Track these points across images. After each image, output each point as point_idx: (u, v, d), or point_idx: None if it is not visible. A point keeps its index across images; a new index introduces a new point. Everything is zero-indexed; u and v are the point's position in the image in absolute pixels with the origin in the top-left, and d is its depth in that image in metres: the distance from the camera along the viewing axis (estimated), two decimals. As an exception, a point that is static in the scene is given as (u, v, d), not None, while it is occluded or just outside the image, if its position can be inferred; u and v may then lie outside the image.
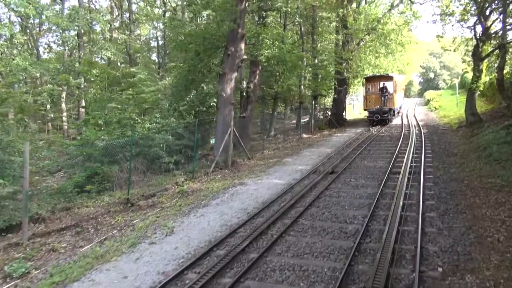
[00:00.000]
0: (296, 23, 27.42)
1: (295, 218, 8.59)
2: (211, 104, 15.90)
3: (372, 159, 15.43)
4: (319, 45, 32.44)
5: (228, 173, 14.81)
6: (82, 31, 30.59)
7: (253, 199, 10.66)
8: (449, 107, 38.18)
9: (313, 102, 28.22)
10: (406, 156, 14.94)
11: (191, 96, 16.08)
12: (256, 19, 20.30)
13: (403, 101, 38.78)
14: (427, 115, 35.67)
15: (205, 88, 15.63)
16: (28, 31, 32.08)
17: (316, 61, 32.13)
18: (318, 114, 35.66)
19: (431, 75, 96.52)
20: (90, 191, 11.54)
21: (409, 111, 39.52)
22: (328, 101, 36.20)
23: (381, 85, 26.96)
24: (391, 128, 25.85)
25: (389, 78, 28.03)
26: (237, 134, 16.89)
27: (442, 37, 25.49)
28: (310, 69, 30.06)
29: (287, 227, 8.03)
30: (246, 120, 21.40)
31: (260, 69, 21.19)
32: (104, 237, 8.67)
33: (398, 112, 33.33)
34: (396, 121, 30.98)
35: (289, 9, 21.99)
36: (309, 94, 29.58)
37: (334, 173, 13.17)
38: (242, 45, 16.59)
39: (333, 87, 31.01)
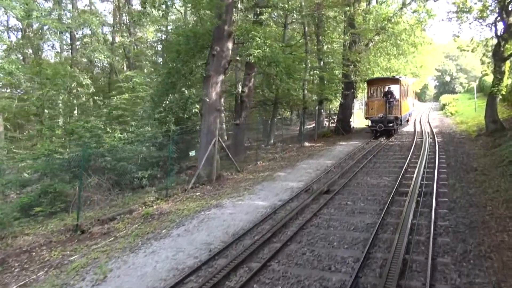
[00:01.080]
0: (299, 22, 25.41)
1: (266, 259, 6.63)
2: (194, 110, 14.07)
3: (376, 174, 13.32)
4: (325, 46, 30.37)
5: (209, 190, 12.90)
6: (75, 33, 29.22)
7: (224, 228, 8.71)
8: (467, 112, 35.60)
9: (317, 107, 26.14)
10: (416, 171, 12.82)
11: (167, 102, 14.24)
12: (251, 16, 18.42)
13: (413, 107, 33.60)
14: (442, 121, 33.18)
15: (186, 92, 13.80)
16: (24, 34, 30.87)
17: (322, 63, 30.18)
18: (325, 120, 33.56)
19: (447, 78, 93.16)
20: (37, 215, 9.75)
21: (423, 117, 37.04)
22: (336, 106, 34.04)
23: (386, 89, 22.68)
24: (402, 136, 23.58)
25: (395, 81, 23.26)
26: (223, 144, 15.01)
27: (458, 36, 23.25)
28: (315, 72, 28.08)
29: (251, 276, 6.07)
30: (240, 127, 19.54)
31: (255, 72, 19.31)
32: (24, 281, 6.84)
33: (407, 121, 29.59)
34: (408, 128, 28.62)
35: (287, 6, 19.99)
36: (314, 98, 27.54)
37: (329, 193, 11.16)
38: (229, 44, 14.72)
39: (340, 91, 28.91)
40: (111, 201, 11.44)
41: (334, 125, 28.52)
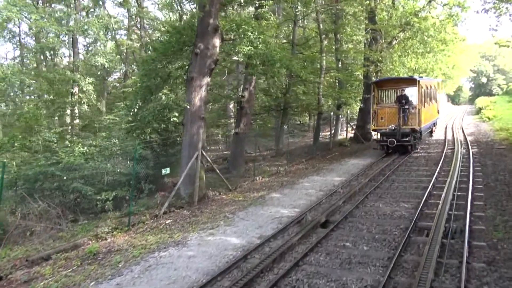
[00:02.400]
0: (312, 19, 22.87)
1: None
2: (173, 119, 11.89)
3: (392, 198, 10.64)
4: (345, 46, 27.55)
5: (184, 217, 10.62)
6: (78, 37, 27.83)
7: (169, 284, 6.39)
8: (507, 117, 31.82)
9: (332, 113, 23.46)
10: (444, 194, 10.08)
11: (138, 110, 12.06)
12: (247, 11, 16.17)
13: (438, 115, 25.90)
14: (478, 127, 29.59)
15: (163, 98, 11.65)
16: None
17: (340, 64, 27.45)
18: (346, 126, 30.72)
19: (483, 79, 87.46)
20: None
21: (456, 122, 33.45)
22: (356, 110, 31.14)
23: (399, 93, 17.79)
24: (430, 146, 20.53)
25: (411, 81, 17.73)
26: (209, 159, 12.73)
27: (496, 30, 20.14)
28: (332, 73, 25.42)
29: None
30: (240, 137, 17.22)
31: (257, 74, 16.94)
32: None
33: (431, 132, 24.00)
34: (437, 135, 25.38)
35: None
36: (330, 103, 24.88)
37: (326, 226, 8.66)
38: (216, 41, 12.45)
39: (360, 94, 26.09)
40: (58, 231, 9.37)
41: (353, 132, 25.71)
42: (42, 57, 32.52)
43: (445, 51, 26.85)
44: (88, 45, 31.62)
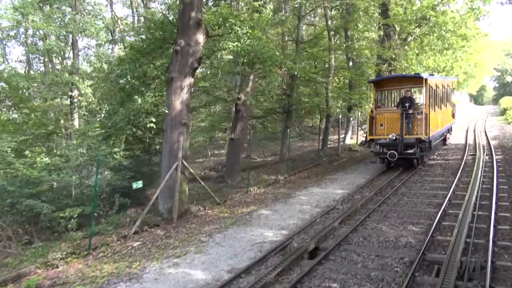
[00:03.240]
0: (317, 16, 21.29)
1: None
2: (149, 125, 10.55)
3: (398, 218, 9.00)
4: (356, 44, 25.69)
5: (157, 238, 9.24)
6: (77, 38, 26.96)
7: None
8: (534, 118, 29.41)
9: (340, 116, 21.78)
10: (461, 214, 8.43)
11: (104, 113, 10.76)
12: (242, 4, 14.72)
13: (454, 119, 21.57)
14: (503, 130, 27.32)
15: (139, 101, 10.33)
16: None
17: (351, 63, 25.74)
18: (357, 129, 28.91)
19: (508, 78, 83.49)
20: None
21: (478, 124, 31.17)
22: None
23: (403, 95, 14.51)
24: (448, 152, 18.63)
25: (417, 80, 14.36)
26: (191, 170, 11.33)
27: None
28: (342, 73, 23.73)
29: None
30: (235, 143, 15.79)
31: (255, 74, 15.48)
32: None
33: (444, 139, 19.88)
34: (457, 139, 23.34)
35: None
36: (340, 104, 23.20)
37: (314, 256, 7.12)
38: (199, 37, 11.06)
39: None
40: (6, 257, 8.13)
41: (365, 136, 23.92)
42: (47, 60, 31.96)
43: (466, 48, 24.69)
44: (88, 47, 30.77)
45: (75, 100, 25.80)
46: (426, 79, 13.96)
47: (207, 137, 25.22)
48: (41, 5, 25.52)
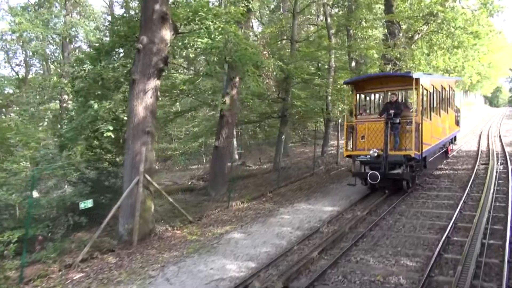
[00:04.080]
0: (318, 15, 19.81)
1: None
2: (106, 134, 9.22)
3: (392, 247, 7.44)
4: (360, 43, 24.02)
5: (104, 267, 7.85)
6: (68, 41, 25.90)
7: None
8: (554, 121, 27.34)
9: (339, 121, 20.23)
10: (468, 243, 6.88)
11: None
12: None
13: (458, 127, 18.52)
14: (520, 134, 25.38)
15: (95, 107, 9.01)
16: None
17: (354, 64, 24.17)
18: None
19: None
20: None
21: (492, 128, 29.18)
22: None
23: (389, 99, 11.36)
24: (458, 160, 16.89)
25: (406, 81, 11.10)
26: (156, 185, 9.93)
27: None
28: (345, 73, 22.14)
29: None
30: (220, 151, 14.37)
31: (241, 76, 14.06)
32: None
33: (446, 153, 16.09)
34: (468, 145, 21.51)
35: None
36: (340, 108, 21.60)
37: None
38: (165, 33, 9.68)
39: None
40: None
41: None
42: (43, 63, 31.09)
43: (478, 46, 22.85)
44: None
45: (65, 104, 24.74)
46: (417, 79, 10.85)
47: (201, 142, 23.91)
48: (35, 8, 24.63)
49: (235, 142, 25.44)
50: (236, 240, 8.57)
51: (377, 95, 12.75)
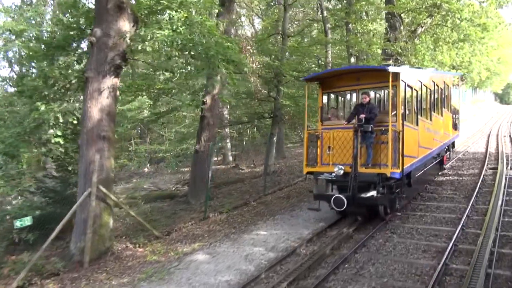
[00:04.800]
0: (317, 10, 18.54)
1: None
2: (53, 139, 8.09)
3: (376, 277, 6.17)
4: (360, 38, 22.58)
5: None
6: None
7: None
8: None
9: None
10: (469, 275, 5.61)
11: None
12: None
13: (457, 132, 15.57)
14: (532, 133, 23.80)
15: (42, 109, 7.90)
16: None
17: (354, 60, 22.77)
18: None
19: (537, 75, 78.04)
20: None
21: (503, 128, 27.57)
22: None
23: (360, 100, 8.92)
24: (464, 163, 15.48)
25: (382, 76, 8.51)
26: (113, 197, 8.75)
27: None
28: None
29: None
30: (201, 156, 13.19)
31: (223, 74, 12.82)
32: None
33: (441, 163, 13.27)
34: (476, 146, 20.03)
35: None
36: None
37: None
38: (122, 24, 8.51)
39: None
40: None
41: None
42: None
43: (486, 39, 21.32)
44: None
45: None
46: (396, 74, 8.37)
47: (193, 144, 22.72)
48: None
49: (229, 144, 24.30)
50: (198, 263, 7.35)
51: (351, 95, 10.27)
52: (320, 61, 23.16)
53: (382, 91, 10.22)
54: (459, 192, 10.89)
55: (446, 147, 13.61)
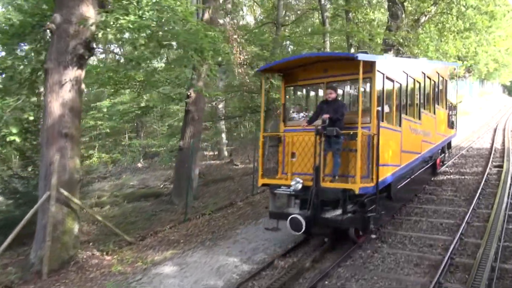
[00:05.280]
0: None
1: None
2: (8, 138, 7.35)
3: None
4: (364, 29, 21.52)
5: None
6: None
7: None
8: None
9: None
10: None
11: None
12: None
13: (454, 131, 13.46)
14: (541, 128, 22.70)
15: (-4, 104, 7.15)
16: None
17: (353, 51, 21.78)
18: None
19: (547, 67, 76.12)
20: None
21: (510, 122, 26.44)
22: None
23: (327, 96, 7.11)
24: (467, 160, 14.53)
25: (353, 66, 6.56)
26: (77, 200, 7.99)
27: None
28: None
29: None
30: (185, 153, 12.41)
31: (209, 65, 11.99)
32: None
33: (434, 167, 11.76)
34: (481, 141, 19.03)
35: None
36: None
37: None
38: (86, 10, 7.69)
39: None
40: None
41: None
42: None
43: (493, 28, 20.19)
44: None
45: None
46: (371, 64, 6.77)
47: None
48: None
49: (224, 138, 23.50)
50: (163, 277, 6.60)
51: (318, 90, 8.63)
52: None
53: (355, 84, 8.13)
54: (460, 193, 10.01)
55: (440, 149, 11.95)
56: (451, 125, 13.06)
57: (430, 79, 10.15)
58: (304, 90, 9.01)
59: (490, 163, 13.14)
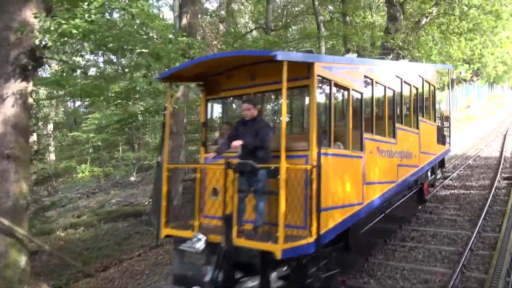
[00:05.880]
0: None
1: None
2: None
3: None
4: (362, 33, 20.52)
5: None
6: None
7: None
8: None
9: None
10: None
11: None
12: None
13: (445, 147, 10.99)
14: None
15: None
16: None
17: (350, 54, 20.78)
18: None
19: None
20: None
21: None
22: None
23: (244, 114, 4.95)
24: (473, 171, 13.33)
25: (274, 70, 4.48)
26: (23, 231, 7.06)
27: None
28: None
29: None
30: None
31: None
32: None
33: (421, 193, 9.16)
34: (490, 149, 17.75)
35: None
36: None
37: None
38: (28, 13, 6.83)
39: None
40: None
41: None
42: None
43: (500, 28, 18.99)
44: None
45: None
46: (309, 66, 4.85)
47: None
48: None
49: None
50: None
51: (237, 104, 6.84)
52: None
53: (296, 95, 6.48)
54: (464, 212, 8.88)
55: (430, 170, 9.65)
56: (442, 140, 10.90)
57: (410, 85, 8.13)
58: (234, 104, 7.17)
59: (499, 175, 11.96)
